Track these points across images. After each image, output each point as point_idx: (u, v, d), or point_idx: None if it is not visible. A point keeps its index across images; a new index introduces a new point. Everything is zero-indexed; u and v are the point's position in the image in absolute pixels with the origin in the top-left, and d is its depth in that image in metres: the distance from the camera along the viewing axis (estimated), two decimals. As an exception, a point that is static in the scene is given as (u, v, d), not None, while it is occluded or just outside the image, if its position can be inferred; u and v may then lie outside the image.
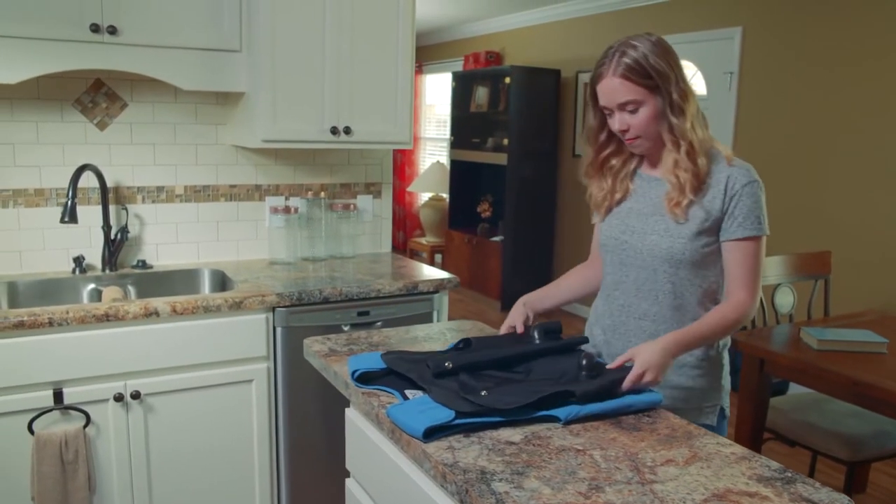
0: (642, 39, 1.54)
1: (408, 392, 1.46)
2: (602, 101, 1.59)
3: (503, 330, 1.77)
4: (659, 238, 1.62)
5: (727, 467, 1.21)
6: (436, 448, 1.25)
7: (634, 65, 1.52)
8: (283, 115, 2.53)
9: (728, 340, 1.75)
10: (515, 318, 1.77)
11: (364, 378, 1.54)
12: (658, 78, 1.53)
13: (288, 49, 2.50)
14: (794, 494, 1.12)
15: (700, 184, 1.58)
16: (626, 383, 1.44)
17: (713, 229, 1.59)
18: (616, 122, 1.59)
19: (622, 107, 1.56)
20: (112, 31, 2.26)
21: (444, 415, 1.31)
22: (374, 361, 1.59)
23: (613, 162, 1.71)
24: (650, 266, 1.65)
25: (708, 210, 1.58)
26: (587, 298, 1.92)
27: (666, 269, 1.62)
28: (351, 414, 1.62)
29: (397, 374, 1.54)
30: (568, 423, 1.36)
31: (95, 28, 2.24)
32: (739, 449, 1.29)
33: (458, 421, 1.30)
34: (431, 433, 1.28)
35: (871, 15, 3.85)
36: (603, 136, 1.68)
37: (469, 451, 1.24)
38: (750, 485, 1.15)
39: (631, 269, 1.69)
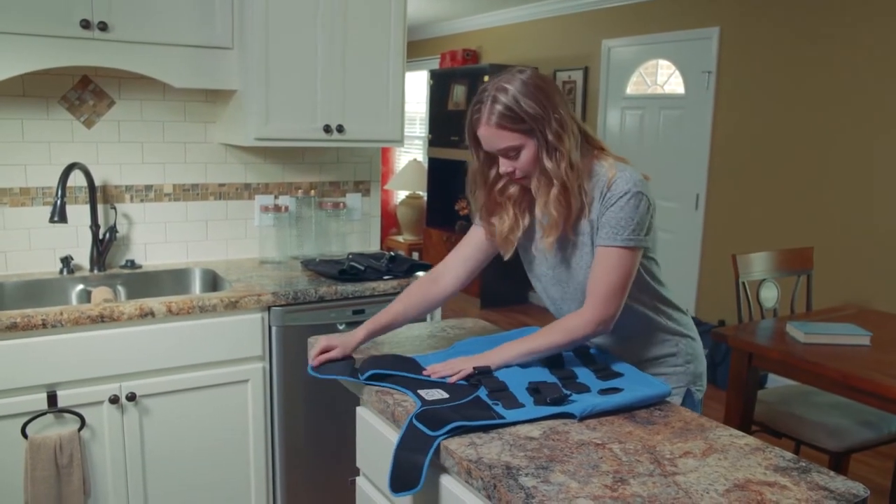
0: (514, 79, 1.51)
1: (421, 391, 1.46)
2: (485, 147, 1.58)
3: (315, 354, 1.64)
4: (575, 269, 1.63)
5: (743, 458, 1.24)
6: (458, 444, 1.26)
7: (507, 111, 1.49)
8: (276, 113, 2.52)
9: (694, 332, 1.79)
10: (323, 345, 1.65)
11: (374, 378, 1.54)
12: (531, 121, 1.50)
13: (281, 47, 2.48)
14: (811, 483, 1.16)
15: (574, 217, 1.56)
16: (435, 369, 1.54)
17: None
18: (502, 167, 1.58)
19: (504, 153, 1.55)
20: (103, 27, 2.23)
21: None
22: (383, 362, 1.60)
23: (511, 190, 1.66)
24: (576, 298, 1.65)
25: (595, 238, 1.58)
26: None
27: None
28: (362, 412, 1.62)
29: (407, 372, 1.55)
30: (583, 418, 1.38)
31: (86, 24, 2.20)
32: (752, 440, 1.32)
33: (477, 422, 1.32)
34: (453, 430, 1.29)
35: (847, 15, 3.95)
36: (493, 173, 1.64)
37: (491, 447, 1.25)
38: (768, 475, 1.18)
39: (572, 303, 1.68)
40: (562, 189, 1.54)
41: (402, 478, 1.25)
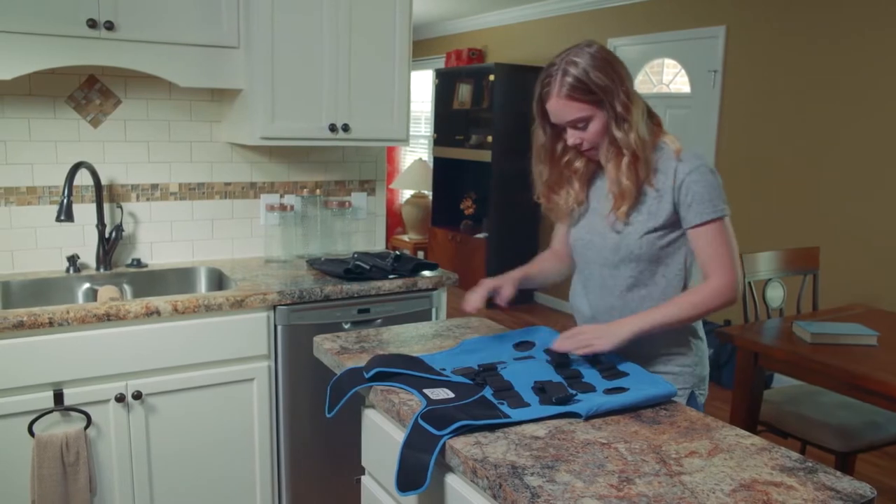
0: (582, 53, 1.57)
1: (427, 391, 1.46)
2: (553, 120, 1.64)
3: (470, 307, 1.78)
4: (617, 236, 1.67)
5: (749, 458, 1.24)
6: (463, 444, 1.26)
7: (577, 83, 1.55)
8: (282, 112, 2.52)
9: (703, 335, 1.80)
10: (477, 299, 1.78)
11: (378, 377, 1.55)
12: (601, 92, 1.56)
13: (286, 46, 2.49)
14: (817, 483, 1.15)
15: (640, 189, 1.63)
16: (563, 343, 1.59)
17: (668, 224, 1.63)
18: (570, 138, 1.64)
19: (572, 124, 1.61)
20: (109, 26, 2.23)
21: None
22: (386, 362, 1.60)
23: (577, 164, 1.73)
24: (610, 263, 1.70)
25: (656, 208, 1.62)
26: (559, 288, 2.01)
27: (625, 265, 1.68)
28: (369, 412, 1.62)
29: (411, 371, 1.55)
30: (589, 417, 1.38)
31: (92, 23, 2.21)
32: (758, 440, 1.31)
33: (482, 422, 1.32)
34: (457, 429, 1.29)
35: (853, 14, 3.93)
36: (560, 147, 1.72)
37: (497, 447, 1.25)
38: (774, 475, 1.18)
39: (595, 266, 1.75)
40: (633, 158, 1.60)
41: (408, 477, 1.25)
